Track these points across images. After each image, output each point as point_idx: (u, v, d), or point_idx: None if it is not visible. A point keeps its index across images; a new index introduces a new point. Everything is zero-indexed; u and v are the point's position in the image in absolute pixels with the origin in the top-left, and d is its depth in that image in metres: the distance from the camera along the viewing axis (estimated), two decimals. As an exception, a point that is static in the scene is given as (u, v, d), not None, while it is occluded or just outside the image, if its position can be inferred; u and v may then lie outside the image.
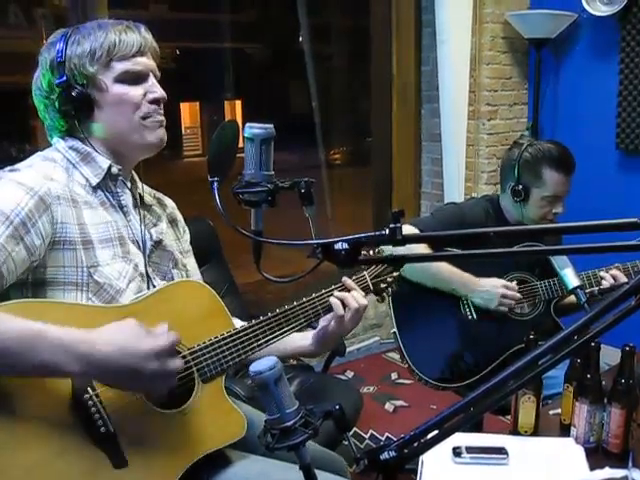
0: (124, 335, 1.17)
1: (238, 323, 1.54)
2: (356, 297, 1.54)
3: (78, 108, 1.33)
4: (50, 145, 1.39)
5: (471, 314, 2.15)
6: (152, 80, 1.39)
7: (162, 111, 1.41)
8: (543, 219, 2.12)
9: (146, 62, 1.38)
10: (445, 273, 2.10)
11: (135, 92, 1.36)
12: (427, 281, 2.12)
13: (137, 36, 1.35)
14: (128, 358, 1.15)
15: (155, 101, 1.38)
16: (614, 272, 2.06)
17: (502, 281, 2.10)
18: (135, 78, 1.36)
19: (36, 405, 1.16)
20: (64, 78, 1.31)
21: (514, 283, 2.12)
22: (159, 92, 1.39)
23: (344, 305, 1.52)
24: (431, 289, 2.13)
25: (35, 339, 1.10)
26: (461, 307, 2.16)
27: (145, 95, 1.37)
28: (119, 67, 1.34)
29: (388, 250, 1.63)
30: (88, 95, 1.33)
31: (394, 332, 2.16)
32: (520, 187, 2.09)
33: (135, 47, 1.34)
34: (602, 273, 2.07)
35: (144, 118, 1.37)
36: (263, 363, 0.97)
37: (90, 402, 1.20)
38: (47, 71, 1.34)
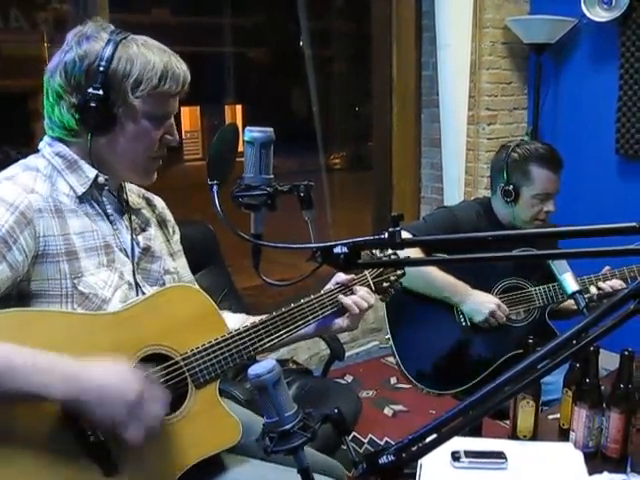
0: (112, 363, 1.18)
1: (242, 318, 1.53)
2: (366, 298, 1.54)
3: (99, 124, 1.27)
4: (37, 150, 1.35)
5: (465, 320, 2.14)
6: (172, 121, 1.35)
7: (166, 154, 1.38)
8: (535, 219, 2.12)
9: (176, 105, 1.34)
10: (438, 280, 2.09)
11: (156, 133, 1.32)
12: (420, 287, 2.11)
13: (182, 73, 1.30)
14: (117, 379, 1.15)
15: (169, 145, 1.36)
16: (612, 283, 2.06)
17: (496, 300, 2.09)
18: (162, 118, 1.33)
19: (23, 415, 1.14)
20: (101, 92, 1.24)
21: (506, 307, 2.11)
22: (176, 138, 1.36)
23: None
24: (424, 295, 2.13)
25: (20, 361, 1.10)
26: (455, 313, 2.15)
27: (163, 136, 1.34)
28: (154, 105, 1.29)
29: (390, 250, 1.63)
30: (116, 116, 1.28)
31: (388, 338, 2.16)
32: (510, 187, 2.10)
33: (178, 87, 1.30)
34: (601, 284, 2.07)
35: (151, 158, 1.35)
36: (262, 366, 0.97)
37: None
38: (81, 68, 1.25)
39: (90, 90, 1.24)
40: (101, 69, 1.24)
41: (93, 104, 1.25)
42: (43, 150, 1.33)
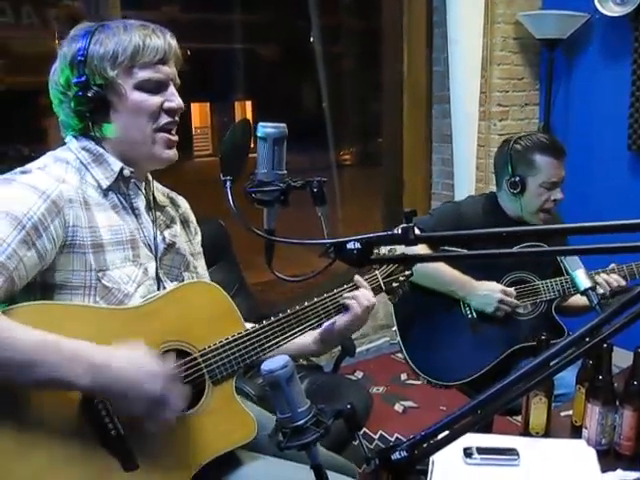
0: (138, 355, 1.19)
1: (248, 326, 1.54)
2: (367, 295, 1.54)
3: (93, 110, 1.30)
4: (63, 142, 1.37)
5: (471, 313, 2.15)
6: (172, 89, 1.36)
7: (177, 122, 1.38)
8: (543, 209, 2.12)
9: (168, 70, 1.35)
10: (444, 275, 2.11)
11: (153, 101, 1.34)
12: (426, 282, 2.12)
13: (162, 42, 1.32)
14: (140, 374, 1.17)
15: (171, 111, 1.36)
16: (610, 278, 2.05)
17: (500, 286, 2.11)
18: (155, 87, 1.34)
19: (44, 410, 1.16)
20: (83, 78, 1.29)
21: (512, 288, 2.12)
22: (176, 102, 1.36)
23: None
24: (431, 289, 2.14)
25: (48, 350, 1.11)
26: (461, 306, 2.16)
27: (163, 104, 1.35)
28: (140, 75, 1.31)
29: (399, 249, 1.64)
30: (105, 98, 1.30)
31: (395, 330, 2.18)
32: (516, 179, 2.11)
33: (159, 54, 1.32)
34: (604, 275, 2.05)
35: (157, 130, 1.35)
36: (275, 361, 0.97)
37: (100, 405, 1.20)
38: (66, 67, 1.31)
39: (74, 81, 1.29)
40: (80, 59, 1.29)
41: (80, 93, 1.29)
42: (70, 144, 1.36)
